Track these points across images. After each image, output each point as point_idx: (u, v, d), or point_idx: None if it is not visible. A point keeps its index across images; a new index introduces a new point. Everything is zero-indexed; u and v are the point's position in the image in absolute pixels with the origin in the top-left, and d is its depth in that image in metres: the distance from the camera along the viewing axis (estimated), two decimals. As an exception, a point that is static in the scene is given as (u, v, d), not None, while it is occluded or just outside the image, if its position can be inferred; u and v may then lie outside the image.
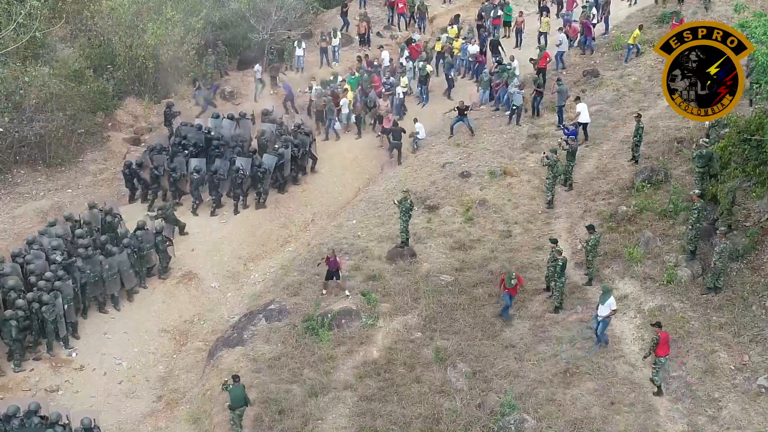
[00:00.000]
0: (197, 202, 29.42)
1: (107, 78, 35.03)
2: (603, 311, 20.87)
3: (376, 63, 37.80)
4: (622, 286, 22.86)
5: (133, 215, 27.91)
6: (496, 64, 35.86)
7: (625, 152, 28.70)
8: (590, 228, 23.46)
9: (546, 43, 36.81)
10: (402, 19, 44.31)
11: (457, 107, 32.23)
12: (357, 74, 36.26)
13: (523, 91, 32.33)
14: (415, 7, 43.80)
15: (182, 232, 28.05)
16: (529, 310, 22.98)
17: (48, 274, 23.40)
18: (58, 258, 24.05)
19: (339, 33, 40.88)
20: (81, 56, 34.03)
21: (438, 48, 38.63)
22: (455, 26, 40.44)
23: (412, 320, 23.03)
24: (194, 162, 29.59)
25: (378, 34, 42.94)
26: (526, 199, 27.83)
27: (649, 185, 26.08)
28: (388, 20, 44.87)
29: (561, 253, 22.47)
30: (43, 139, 31.24)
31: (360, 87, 35.29)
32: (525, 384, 20.15)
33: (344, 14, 43.21)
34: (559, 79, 32.40)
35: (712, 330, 20.94)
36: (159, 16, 35.64)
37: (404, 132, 32.23)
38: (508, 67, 34.45)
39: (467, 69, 38.40)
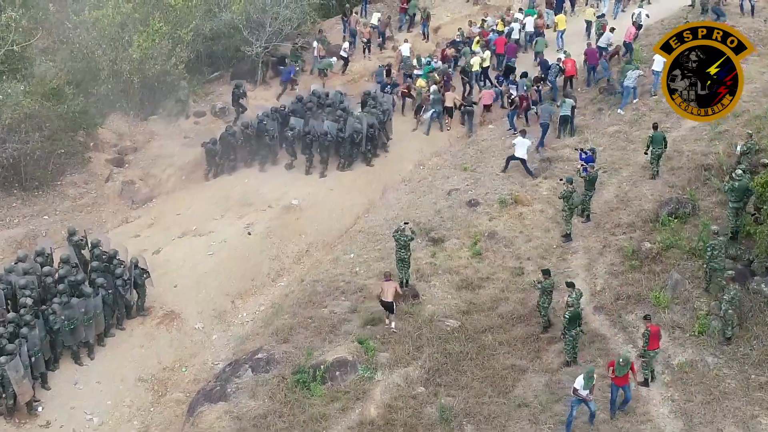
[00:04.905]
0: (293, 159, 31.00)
1: (89, 95, 32.92)
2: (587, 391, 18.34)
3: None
4: (648, 335, 20.62)
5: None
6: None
7: (647, 179, 26.50)
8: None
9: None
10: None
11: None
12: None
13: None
14: (422, 13, 41.75)
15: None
16: (544, 363, 20.71)
17: (10, 315, 21.27)
18: (27, 300, 21.84)
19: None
20: (61, 71, 31.89)
21: (501, 27, 38.44)
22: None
23: (414, 373, 20.78)
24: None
25: (378, 46, 40.66)
26: (540, 231, 25.58)
27: (675, 219, 23.86)
28: (400, 26, 42.89)
29: (571, 306, 20.10)
30: (18, 162, 29.06)
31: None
32: (541, 453, 17.93)
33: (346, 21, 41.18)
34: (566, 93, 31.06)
35: (750, 390, 18.71)
36: (146, 27, 33.52)
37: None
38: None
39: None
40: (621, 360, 18.02)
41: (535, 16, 38.72)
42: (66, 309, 21.89)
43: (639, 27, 35.11)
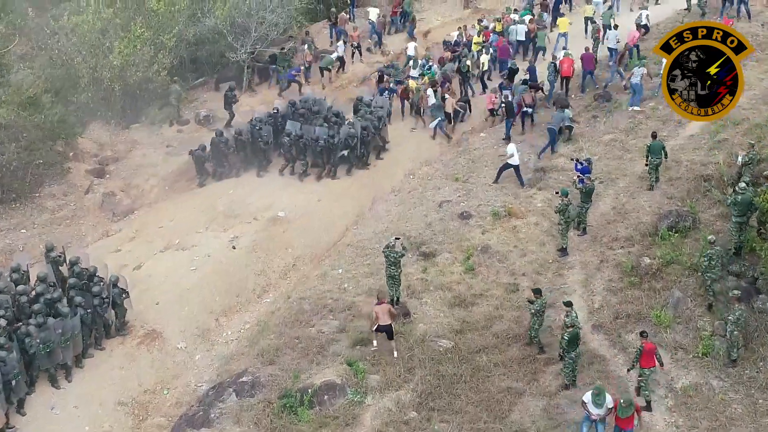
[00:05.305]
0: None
1: (69, 104, 31.92)
2: (597, 411, 17.43)
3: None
4: (650, 356, 19.73)
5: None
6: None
7: (644, 190, 25.66)
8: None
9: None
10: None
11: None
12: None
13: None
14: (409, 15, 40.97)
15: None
16: (542, 385, 19.82)
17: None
18: (1, 322, 20.75)
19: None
20: (39, 78, 30.83)
21: (499, 28, 37.88)
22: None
23: (405, 396, 19.89)
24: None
25: (368, 50, 39.75)
26: (535, 245, 24.70)
27: (675, 233, 23.02)
28: (392, 28, 42.13)
29: (571, 326, 19.18)
30: (-6, 173, 28.11)
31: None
32: (540, 484, 17.05)
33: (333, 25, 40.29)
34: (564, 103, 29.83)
35: (758, 416, 17.88)
36: (127, 33, 32.56)
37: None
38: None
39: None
40: (623, 402, 17.04)
41: (530, 17, 37.94)
42: (42, 331, 20.76)
43: (645, 29, 34.43)
